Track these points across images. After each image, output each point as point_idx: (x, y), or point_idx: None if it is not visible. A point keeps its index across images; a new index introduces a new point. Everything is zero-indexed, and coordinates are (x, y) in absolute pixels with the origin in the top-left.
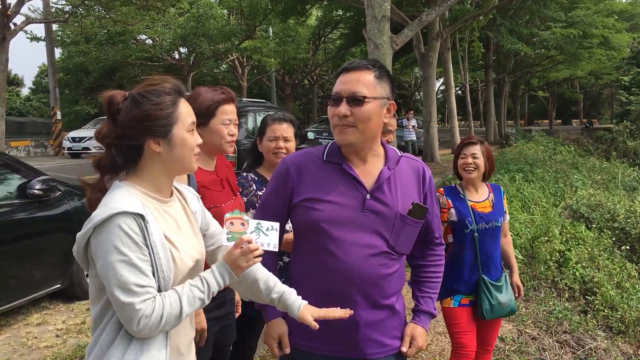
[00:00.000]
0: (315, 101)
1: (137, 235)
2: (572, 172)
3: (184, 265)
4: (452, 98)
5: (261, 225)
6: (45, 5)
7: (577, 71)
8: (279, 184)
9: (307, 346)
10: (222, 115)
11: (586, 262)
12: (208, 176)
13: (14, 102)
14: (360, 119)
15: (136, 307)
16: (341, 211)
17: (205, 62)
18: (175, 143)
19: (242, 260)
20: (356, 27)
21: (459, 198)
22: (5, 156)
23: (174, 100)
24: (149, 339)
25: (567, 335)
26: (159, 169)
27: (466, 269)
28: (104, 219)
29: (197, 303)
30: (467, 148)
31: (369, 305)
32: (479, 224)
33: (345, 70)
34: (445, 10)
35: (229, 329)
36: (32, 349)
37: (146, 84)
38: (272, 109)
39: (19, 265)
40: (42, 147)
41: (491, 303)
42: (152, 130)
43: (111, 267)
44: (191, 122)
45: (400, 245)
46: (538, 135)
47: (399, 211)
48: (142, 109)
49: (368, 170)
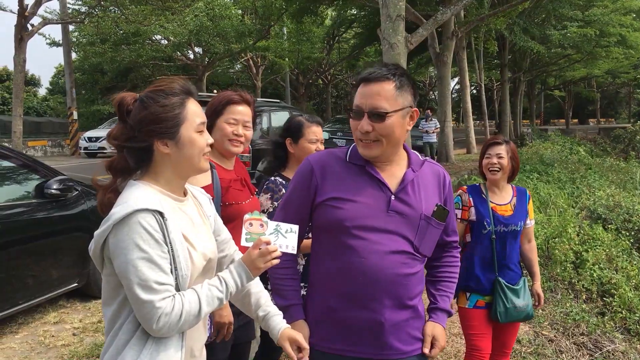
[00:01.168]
0: (329, 101)
1: (157, 233)
2: (589, 172)
3: (200, 263)
4: (467, 97)
5: (280, 227)
6: (62, 6)
7: (594, 70)
8: (303, 182)
9: (331, 348)
10: (229, 115)
11: (604, 264)
12: (228, 174)
13: (31, 102)
14: (383, 134)
15: (156, 305)
16: (366, 211)
17: (220, 62)
18: (184, 144)
19: (260, 262)
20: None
21: (481, 198)
22: (23, 156)
23: (182, 101)
24: (165, 339)
25: (584, 337)
26: (169, 170)
27: (481, 269)
28: (124, 216)
29: (216, 303)
30: (492, 148)
31: (394, 306)
32: (497, 226)
33: (366, 81)
34: (461, 9)
35: (248, 327)
36: (49, 348)
37: (154, 85)
38: (287, 108)
39: (37, 264)
40: (59, 147)
41: (506, 306)
42: (160, 131)
43: (132, 264)
44: (200, 122)
45: (423, 246)
46: (554, 135)
47: (424, 212)
48: (150, 111)
49: (392, 173)
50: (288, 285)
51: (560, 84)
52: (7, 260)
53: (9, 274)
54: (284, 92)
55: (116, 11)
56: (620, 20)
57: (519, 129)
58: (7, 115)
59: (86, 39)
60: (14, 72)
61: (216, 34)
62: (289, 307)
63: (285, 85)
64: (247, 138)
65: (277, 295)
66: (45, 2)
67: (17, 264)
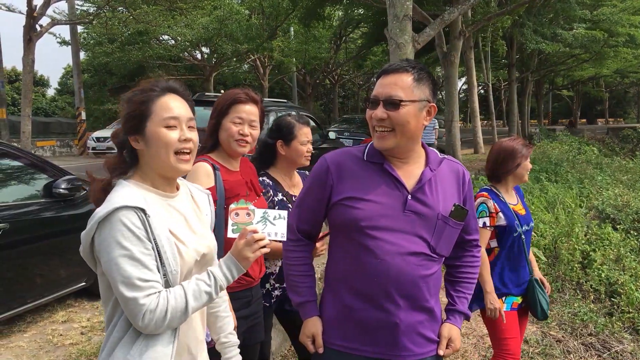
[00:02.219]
0: (336, 101)
1: (138, 229)
2: (597, 172)
3: (191, 258)
4: (475, 97)
5: (268, 215)
6: (70, 7)
7: (602, 70)
8: (319, 182)
9: (343, 347)
10: (235, 114)
11: (612, 264)
12: (232, 176)
13: (40, 103)
14: (397, 123)
15: (140, 302)
16: (382, 211)
17: (227, 62)
18: (149, 138)
19: (247, 251)
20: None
21: (501, 202)
22: (32, 156)
23: (153, 96)
24: (156, 335)
25: (592, 337)
26: (148, 167)
27: (515, 272)
28: (106, 214)
29: (204, 297)
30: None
31: (409, 307)
32: (522, 226)
33: (385, 73)
34: (468, 8)
35: (257, 328)
36: (57, 346)
37: (141, 84)
38: (294, 108)
39: (45, 263)
40: (67, 147)
41: (547, 301)
42: (130, 127)
43: (114, 262)
44: (168, 116)
45: (440, 246)
46: (562, 135)
47: (441, 212)
48: (124, 107)
49: (409, 171)
50: (303, 282)
51: (568, 83)
52: (16, 259)
53: (18, 273)
54: (291, 92)
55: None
56: (630, 20)
57: (527, 129)
58: (16, 115)
59: (94, 40)
60: (23, 72)
61: (224, 34)
62: (303, 304)
63: (292, 85)
64: (254, 137)
65: (292, 291)
66: (53, 3)
67: (26, 262)
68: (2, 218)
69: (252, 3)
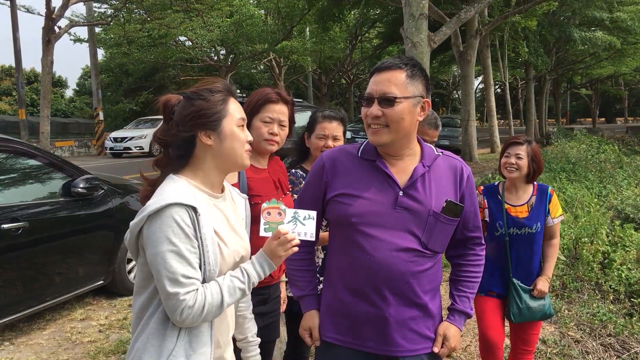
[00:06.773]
0: (352, 100)
1: (188, 227)
2: (617, 171)
3: (231, 259)
4: (491, 96)
5: (298, 215)
6: (88, 9)
7: (621, 68)
8: (315, 179)
9: (336, 339)
10: (265, 113)
11: (632, 264)
12: (259, 173)
13: (58, 104)
14: (392, 120)
15: (180, 298)
16: (373, 207)
17: (243, 62)
18: (225, 136)
19: (280, 250)
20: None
21: (496, 199)
22: (51, 155)
23: (224, 97)
24: (196, 329)
25: (611, 338)
26: (210, 163)
27: (496, 271)
28: (158, 209)
29: (238, 293)
30: (511, 147)
31: (398, 303)
32: (510, 228)
33: (378, 70)
34: (484, 7)
35: (273, 326)
36: (76, 344)
37: (199, 84)
38: (309, 108)
39: (64, 261)
40: (85, 147)
41: (519, 307)
42: (204, 123)
43: (161, 256)
44: (240, 117)
45: (433, 243)
46: (580, 134)
47: (432, 209)
48: (195, 105)
49: (403, 168)
50: (303, 277)
51: (586, 82)
52: (35, 258)
53: (37, 271)
54: (306, 92)
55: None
56: None
57: (545, 128)
58: (35, 116)
59: (113, 40)
60: (42, 73)
61: (240, 35)
62: (302, 297)
63: (308, 85)
64: (282, 137)
65: (292, 285)
66: (72, 5)
67: (45, 261)
68: (22, 217)
69: (269, 4)
